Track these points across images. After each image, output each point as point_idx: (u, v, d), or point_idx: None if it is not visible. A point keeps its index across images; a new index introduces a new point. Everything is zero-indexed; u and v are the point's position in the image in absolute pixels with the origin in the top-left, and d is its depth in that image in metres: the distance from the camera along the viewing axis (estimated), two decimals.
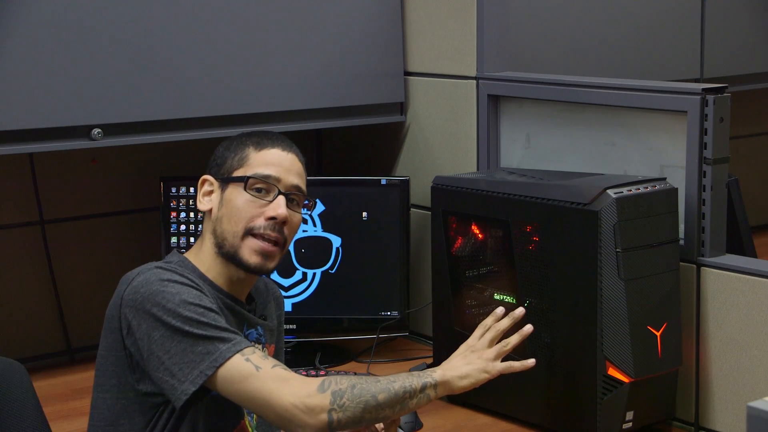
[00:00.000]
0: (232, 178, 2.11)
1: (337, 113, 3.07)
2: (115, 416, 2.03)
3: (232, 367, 1.93)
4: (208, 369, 1.93)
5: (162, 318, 1.95)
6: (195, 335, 1.94)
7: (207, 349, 1.93)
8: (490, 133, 2.94)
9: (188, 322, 1.94)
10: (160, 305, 1.95)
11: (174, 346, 1.94)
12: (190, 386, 1.93)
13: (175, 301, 1.95)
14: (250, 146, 2.13)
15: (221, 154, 2.16)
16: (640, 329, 2.35)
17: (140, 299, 1.97)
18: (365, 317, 3.03)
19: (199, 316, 1.95)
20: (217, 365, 1.93)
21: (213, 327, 1.95)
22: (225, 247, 2.09)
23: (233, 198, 2.09)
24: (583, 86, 2.71)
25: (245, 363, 1.93)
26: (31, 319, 3.03)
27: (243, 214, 2.07)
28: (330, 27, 3.02)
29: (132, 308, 1.98)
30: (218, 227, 2.10)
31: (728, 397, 2.44)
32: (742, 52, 3.91)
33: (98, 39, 2.66)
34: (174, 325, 1.94)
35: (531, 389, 2.51)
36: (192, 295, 1.98)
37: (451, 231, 2.66)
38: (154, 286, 1.97)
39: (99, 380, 2.06)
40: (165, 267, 2.02)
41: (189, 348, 1.93)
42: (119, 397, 2.02)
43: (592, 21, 3.54)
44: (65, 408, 2.68)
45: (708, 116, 2.42)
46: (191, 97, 2.81)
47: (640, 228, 2.36)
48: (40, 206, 3.03)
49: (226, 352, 1.93)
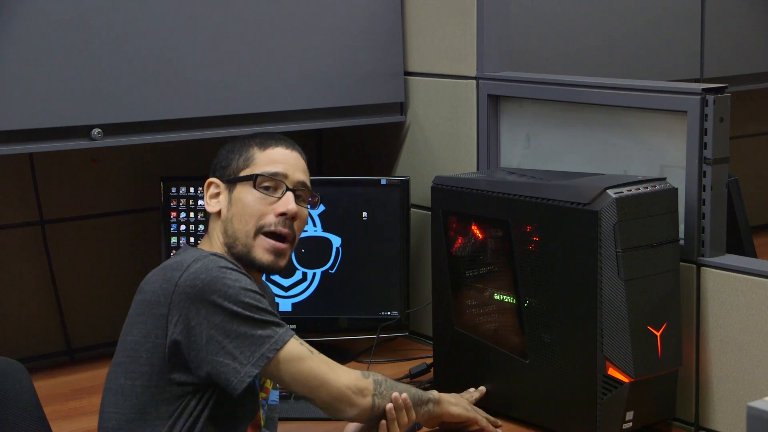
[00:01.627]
0: (240, 178, 2.16)
1: (337, 113, 3.07)
2: (143, 403, 2.04)
3: (290, 349, 2.05)
4: (269, 352, 2.02)
5: (223, 304, 2.00)
6: (255, 320, 2.02)
7: (266, 333, 2.03)
8: (490, 133, 2.94)
9: (248, 307, 2.02)
10: (221, 291, 2.01)
11: (235, 330, 2.01)
12: (252, 369, 2.01)
13: (236, 287, 2.02)
14: (254, 146, 2.19)
15: (225, 157, 2.21)
16: (640, 329, 2.35)
17: (200, 285, 2.01)
18: (365, 317, 3.03)
19: (257, 302, 2.04)
20: (277, 347, 2.03)
21: (269, 313, 2.05)
22: (237, 247, 2.14)
23: (242, 197, 2.15)
24: (583, 86, 2.71)
25: (300, 346, 2.07)
26: (31, 319, 3.03)
27: (253, 211, 2.14)
28: (330, 27, 3.02)
29: (189, 295, 2.01)
30: (229, 227, 2.15)
31: (728, 397, 2.44)
32: (742, 52, 3.91)
33: (98, 39, 2.66)
34: (235, 311, 2.01)
35: (531, 389, 2.51)
36: (248, 282, 2.05)
37: (451, 231, 2.66)
38: (214, 273, 2.02)
39: (129, 366, 2.06)
40: (217, 254, 2.08)
41: (250, 332, 2.01)
42: (149, 385, 2.04)
43: (592, 21, 3.55)
44: (65, 408, 2.68)
45: (708, 116, 2.42)
46: (191, 97, 2.81)
47: (640, 228, 2.36)
48: (40, 206, 3.03)
49: (284, 335, 2.05)
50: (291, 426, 2.57)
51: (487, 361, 2.60)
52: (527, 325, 2.49)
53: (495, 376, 2.58)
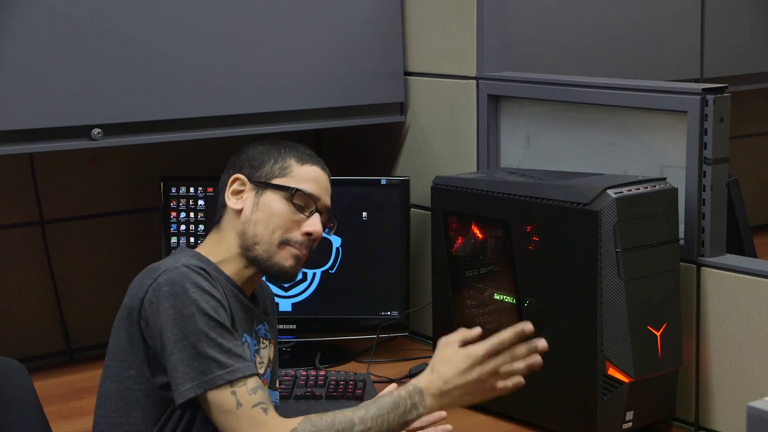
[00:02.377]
0: (275, 185, 2.14)
1: (337, 113, 3.07)
2: (128, 407, 2.04)
3: (218, 395, 1.95)
4: (198, 388, 1.95)
5: (175, 321, 1.96)
6: (198, 350, 1.95)
7: (203, 368, 1.95)
8: (490, 133, 2.94)
9: (197, 333, 1.96)
10: (176, 307, 1.97)
11: (177, 353, 1.96)
12: (179, 397, 1.96)
13: (191, 309, 1.97)
14: (292, 158, 2.16)
15: (257, 157, 2.17)
16: (640, 329, 2.35)
17: (162, 296, 1.98)
18: (365, 317, 3.03)
19: (209, 330, 1.97)
20: (206, 388, 1.95)
21: (217, 346, 1.96)
22: (256, 251, 2.12)
23: (273, 205, 2.13)
24: (583, 86, 2.71)
25: (230, 396, 1.95)
26: (31, 319, 3.03)
27: (282, 223, 2.12)
28: (330, 27, 3.02)
29: (153, 304, 1.99)
30: (250, 230, 2.13)
31: (728, 397, 2.44)
32: (742, 52, 3.91)
33: (98, 39, 2.66)
34: (184, 332, 1.96)
35: (531, 389, 2.50)
36: (210, 306, 1.99)
37: (451, 231, 2.66)
38: (176, 288, 1.98)
39: (114, 370, 2.06)
40: (192, 267, 2.02)
41: (188, 360, 1.95)
42: (134, 389, 2.03)
43: (592, 21, 3.55)
44: (65, 408, 2.68)
45: (708, 116, 2.42)
46: (191, 97, 2.81)
47: (640, 228, 2.36)
48: (40, 206, 3.03)
49: (218, 379, 1.95)
50: None
51: None
52: None
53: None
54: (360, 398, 2.65)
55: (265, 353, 2.20)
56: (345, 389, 2.68)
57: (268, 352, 2.22)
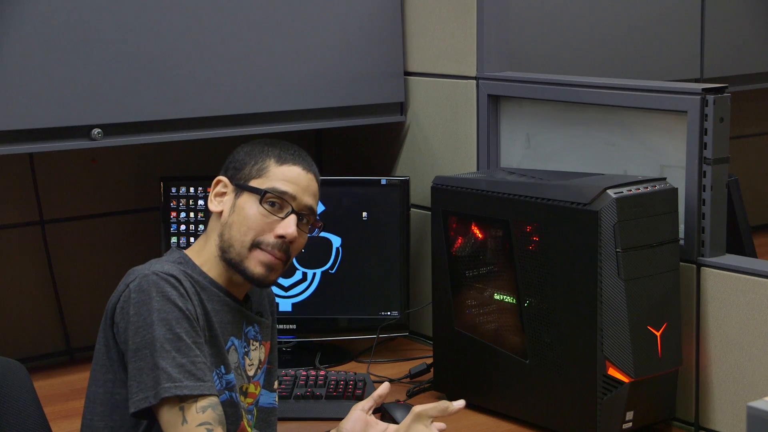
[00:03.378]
0: (249, 187, 2.10)
1: (337, 113, 3.07)
2: (109, 410, 2.03)
3: (167, 408, 1.94)
4: (152, 398, 1.94)
5: (138, 328, 1.96)
6: (153, 360, 1.94)
7: (156, 379, 1.94)
8: (490, 133, 2.94)
9: (153, 344, 1.94)
10: (140, 314, 1.96)
11: (135, 361, 1.96)
12: (132, 406, 1.95)
13: (153, 318, 1.96)
14: (271, 158, 2.12)
15: (240, 159, 2.14)
16: (640, 329, 2.35)
17: (130, 304, 1.98)
18: (365, 317, 3.03)
19: (166, 342, 1.95)
20: (156, 400, 1.94)
21: (171, 359, 1.94)
22: (230, 253, 2.09)
23: (246, 207, 2.09)
24: (583, 86, 2.71)
25: (177, 412, 1.93)
26: (31, 319, 3.03)
27: (253, 225, 2.08)
28: (330, 27, 3.02)
29: (123, 309, 1.99)
30: (226, 232, 2.10)
31: (728, 397, 2.44)
32: (742, 52, 3.91)
33: (98, 39, 2.66)
34: (144, 341, 1.95)
35: (531, 389, 2.51)
36: (173, 315, 1.97)
37: (451, 231, 2.66)
38: (142, 296, 1.98)
39: (96, 374, 2.06)
40: (161, 274, 2.00)
41: (145, 369, 1.95)
42: (114, 392, 2.03)
43: (592, 21, 3.55)
44: (65, 408, 2.68)
45: (708, 116, 2.42)
46: (191, 97, 2.81)
47: (640, 228, 2.36)
48: (40, 206, 3.03)
49: (165, 391, 1.93)
50: (291, 426, 2.57)
51: (487, 361, 2.60)
52: (527, 325, 2.49)
53: (495, 376, 2.58)
54: (360, 398, 2.65)
55: (255, 355, 2.19)
56: (345, 389, 2.68)
57: (258, 354, 2.20)
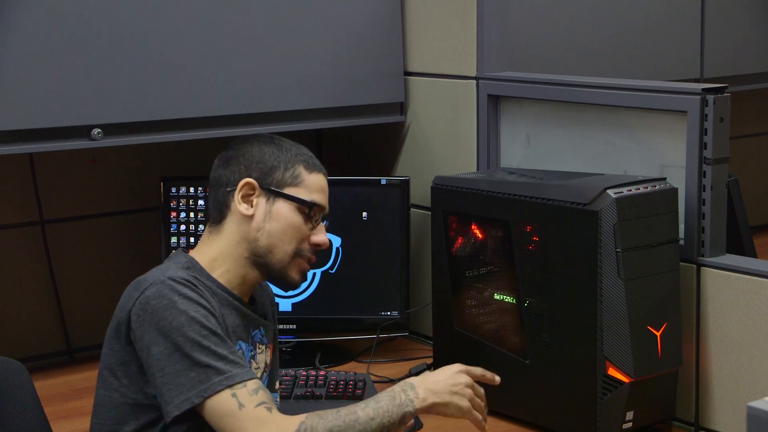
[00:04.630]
0: (292, 197, 2.12)
1: (337, 113, 3.07)
2: (121, 415, 2.03)
3: (218, 401, 1.94)
4: (195, 397, 1.94)
5: (166, 334, 1.95)
6: (192, 359, 1.94)
7: (200, 377, 1.94)
8: (490, 133, 2.94)
9: (190, 342, 1.95)
10: (166, 320, 1.95)
11: (169, 366, 1.95)
12: (173, 410, 1.94)
13: (181, 320, 1.95)
14: (301, 165, 2.14)
15: (265, 161, 2.13)
16: (640, 329, 2.35)
17: (149, 311, 1.97)
18: (365, 317, 3.03)
19: (202, 338, 1.96)
20: (205, 396, 1.94)
21: (212, 353, 1.95)
22: (268, 258, 2.11)
23: (286, 215, 2.12)
24: (583, 86, 2.71)
25: (231, 399, 1.94)
26: (31, 319, 3.03)
27: (296, 234, 2.12)
28: (330, 27, 3.02)
29: (139, 318, 1.98)
30: (263, 238, 2.11)
31: (728, 397, 2.44)
32: (742, 52, 3.91)
33: (98, 39, 2.66)
34: (176, 344, 1.94)
35: (531, 389, 2.51)
36: (200, 314, 1.97)
37: (451, 231, 2.66)
38: (164, 301, 1.97)
39: (107, 379, 2.05)
40: (178, 279, 2.00)
41: (183, 371, 1.94)
42: (127, 396, 2.02)
43: (592, 21, 3.55)
44: (65, 408, 2.68)
45: (708, 116, 2.42)
46: (191, 97, 2.81)
47: (640, 228, 2.36)
48: (40, 206, 3.03)
49: (217, 385, 1.94)
50: None
51: (487, 361, 2.59)
52: (527, 325, 2.49)
53: None
54: (360, 398, 2.65)
55: (261, 358, 2.19)
56: (345, 389, 2.68)
57: (264, 357, 2.20)
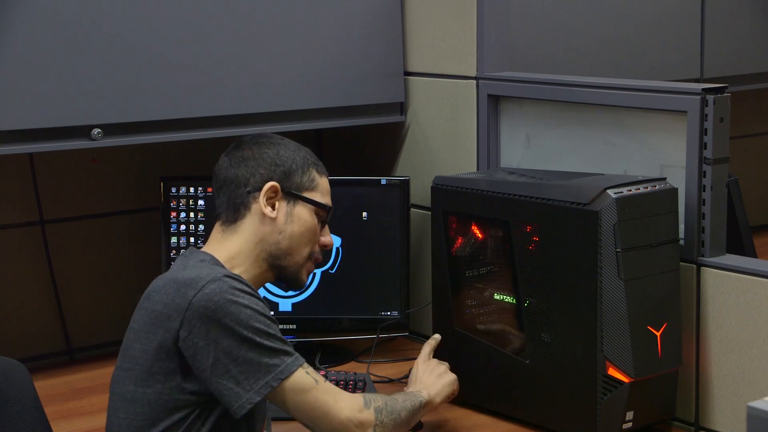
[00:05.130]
0: (310, 201, 2.20)
1: (337, 113, 3.07)
2: (156, 411, 2.04)
3: (296, 379, 2.05)
4: (273, 380, 2.03)
5: (233, 327, 2.01)
6: (263, 347, 2.03)
7: (274, 361, 2.03)
8: (490, 133, 2.94)
9: (258, 333, 2.02)
10: (233, 315, 2.01)
11: (242, 355, 2.01)
12: (255, 396, 2.02)
13: (248, 312, 2.03)
14: (313, 168, 2.23)
15: (285, 164, 2.20)
16: (640, 329, 2.35)
17: (213, 307, 2.01)
18: (365, 317, 3.03)
19: (267, 327, 2.04)
20: (282, 377, 2.04)
21: (278, 339, 2.06)
22: (285, 260, 2.19)
23: (306, 218, 2.20)
24: (583, 86, 2.71)
25: (306, 376, 2.07)
26: (31, 319, 3.03)
27: (313, 237, 2.22)
28: (330, 27, 3.02)
29: (202, 315, 2.01)
30: (284, 241, 2.18)
31: (728, 397, 2.44)
32: (742, 52, 3.91)
33: (98, 39, 2.66)
34: (245, 336, 2.01)
35: (531, 389, 2.51)
36: (261, 306, 2.06)
37: (451, 231, 2.66)
38: (227, 295, 2.02)
39: (139, 374, 2.06)
40: (232, 275, 2.07)
41: (257, 359, 2.02)
42: (162, 392, 2.04)
43: (592, 21, 3.55)
44: (65, 408, 2.68)
45: (708, 116, 2.42)
46: (191, 97, 2.81)
47: (640, 228, 2.36)
48: (40, 206, 3.03)
49: (292, 366, 2.05)
50: (291, 426, 2.56)
51: (487, 361, 2.60)
52: (527, 325, 2.49)
53: (495, 376, 2.58)
54: None
55: None
56: (345, 389, 2.68)
57: None
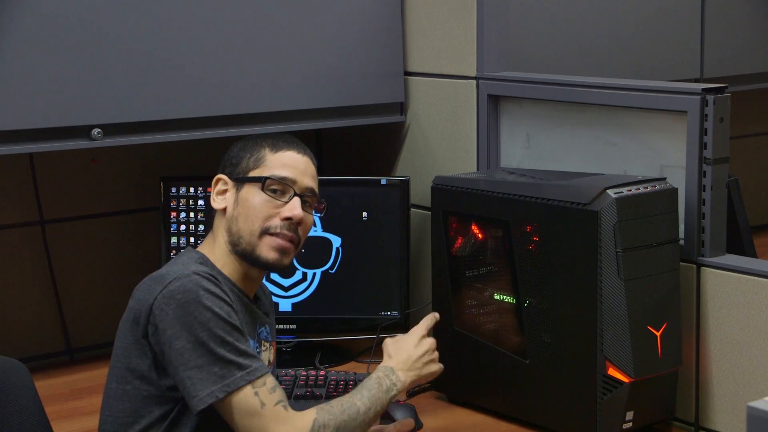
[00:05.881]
0: (249, 178, 2.14)
1: (337, 113, 3.07)
2: (135, 407, 2.04)
3: (241, 397, 1.97)
4: (219, 392, 1.97)
5: (190, 329, 1.97)
6: (216, 355, 1.97)
7: (223, 372, 1.97)
8: (490, 133, 2.94)
9: (214, 338, 1.97)
10: (191, 315, 1.97)
11: (193, 360, 1.97)
12: (199, 403, 1.97)
13: (207, 315, 1.98)
14: (266, 147, 2.17)
15: (236, 155, 2.19)
16: (640, 329, 2.35)
17: (174, 305, 1.98)
18: (365, 317, 3.03)
19: (225, 334, 1.98)
20: (228, 390, 1.97)
21: (235, 349, 1.99)
22: (241, 245, 2.13)
23: (249, 197, 2.13)
24: (583, 86, 2.71)
25: (253, 397, 1.98)
26: (31, 319, 3.03)
27: (260, 213, 2.12)
28: (330, 27, 3.02)
29: (163, 311, 1.99)
30: (233, 226, 2.14)
31: (728, 397, 2.44)
32: (742, 52, 3.91)
33: (98, 39, 2.66)
34: (200, 339, 1.97)
35: (531, 389, 2.51)
36: (225, 311, 2.00)
37: (451, 231, 2.66)
38: (190, 295, 1.98)
39: (120, 372, 2.06)
40: (202, 273, 2.03)
41: (206, 366, 1.97)
42: (141, 388, 2.03)
43: (591, 21, 3.55)
44: (66, 408, 2.68)
45: (708, 116, 2.42)
46: (191, 97, 2.81)
47: (640, 228, 2.36)
48: (40, 206, 3.03)
49: (240, 380, 1.97)
50: None
51: (487, 361, 2.60)
52: (527, 325, 2.49)
53: (495, 376, 2.58)
54: None
55: (265, 356, 2.21)
56: (345, 389, 2.68)
57: (268, 355, 2.22)
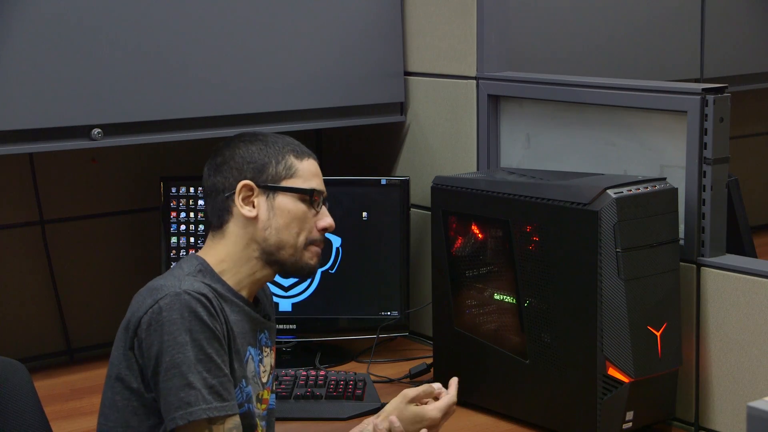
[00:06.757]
0: (290, 188, 2.14)
1: (337, 113, 3.07)
2: (125, 417, 2.03)
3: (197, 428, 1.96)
4: (180, 419, 1.96)
5: (168, 349, 1.97)
6: (186, 380, 1.96)
7: (188, 399, 1.96)
8: (490, 133, 2.94)
9: (187, 363, 1.96)
10: (172, 335, 1.97)
11: (167, 380, 1.96)
12: (169, 423, 1.97)
13: (185, 338, 1.97)
14: (290, 154, 2.16)
15: (256, 159, 2.15)
16: (640, 329, 2.35)
17: (160, 321, 1.98)
18: (365, 317, 3.03)
19: (198, 362, 1.97)
20: (187, 420, 1.96)
21: (203, 380, 1.97)
22: (282, 255, 2.13)
23: (289, 208, 2.13)
24: (583, 86, 2.71)
25: None
26: (31, 319, 3.03)
27: (304, 225, 2.15)
28: (330, 27, 3.02)
29: (150, 327, 1.99)
30: (272, 236, 2.12)
31: (728, 397, 2.44)
32: (742, 52, 3.91)
33: (98, 39, 2.66)
34: (175, 360, 1.96)
35: (531, 389, 2.51)
36: (204, 336, 1.99)
37: (451, 231, 2.66)
38: (174, 315, 1.98)
39: (112, 381, 2.06)
40: (194, 294, 2.00)
41: (175, 389, 1.96)
42: (131, 399, 2.03)
43: (592, 21, 3.55)
44: (65, 408, 2.68)
45: (708, 116, 2.43)
46: (191, 97, 2.81)
47: (640, 228, 2.36)
48: (40, 206, 3.03)
49: (200, 413, 1.96)
50: (291, 426, 2.57)
51: (487, 361, 2.60)
52: (527, 325, 2.49)
53: (495, 376, 2.58)
54: (360, 398, 2.65)
55: (267, 361, 2.20)
56: (345, 389, 2.68)
57: (270, 360, 2.21)
